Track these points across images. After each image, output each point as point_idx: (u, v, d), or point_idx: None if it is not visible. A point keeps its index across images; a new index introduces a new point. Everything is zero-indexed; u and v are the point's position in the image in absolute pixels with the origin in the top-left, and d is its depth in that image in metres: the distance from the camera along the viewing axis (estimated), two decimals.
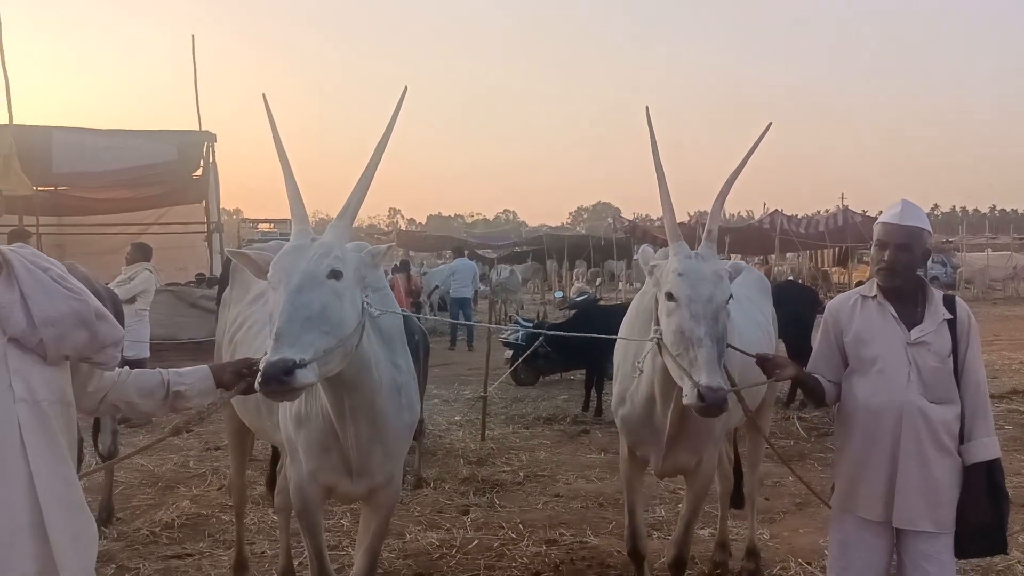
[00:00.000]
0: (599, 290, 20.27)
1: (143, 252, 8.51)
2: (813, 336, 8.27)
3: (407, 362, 3.02)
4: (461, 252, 19.36)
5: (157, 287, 8.96)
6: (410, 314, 8.59)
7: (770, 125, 3.06)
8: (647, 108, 3.09)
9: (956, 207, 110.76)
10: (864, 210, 27.38)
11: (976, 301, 24.01)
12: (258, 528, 5.11)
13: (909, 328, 2.77)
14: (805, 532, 5.00)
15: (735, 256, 23.31)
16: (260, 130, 2.81)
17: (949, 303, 2.83)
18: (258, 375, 2.08)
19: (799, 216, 27.07)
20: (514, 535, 5.04)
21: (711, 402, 2.50)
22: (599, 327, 5.55)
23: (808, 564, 4.47)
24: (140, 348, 7.98)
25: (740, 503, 4.56)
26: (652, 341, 2.89)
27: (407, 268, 17.01)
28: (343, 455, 2.82)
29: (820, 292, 15.76)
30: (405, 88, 2.71)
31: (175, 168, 12.78)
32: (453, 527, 5.17)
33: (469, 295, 16.18)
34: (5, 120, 11.29)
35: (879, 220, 2.85)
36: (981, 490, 2.71)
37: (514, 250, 34.38)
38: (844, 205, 33.25)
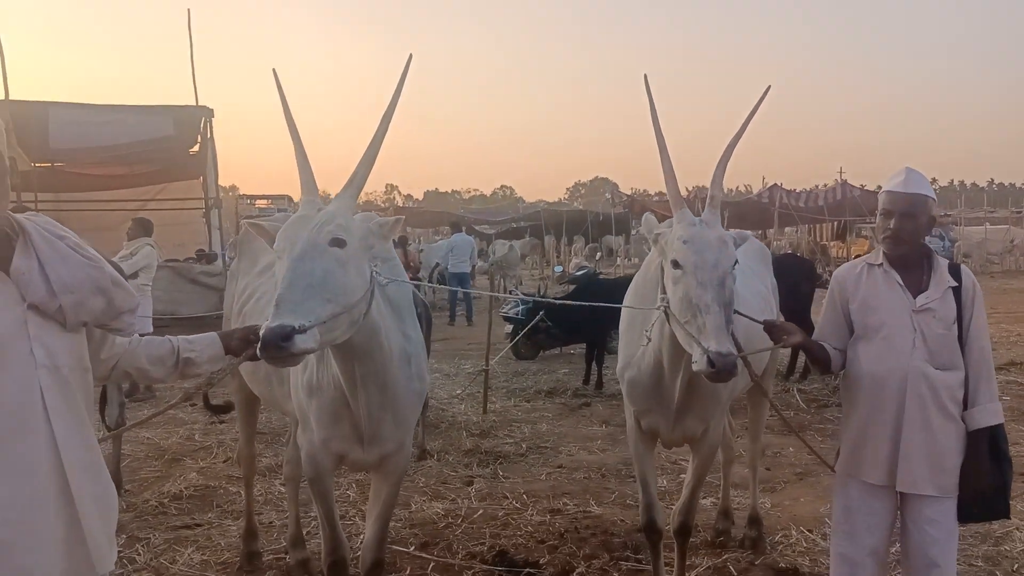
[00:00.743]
0: (598, 265, 20.21)
1: (144, 227, 8.52)
2: (812, 309, 8.33)
3: (416, 332, 3.04)
4: (459, 227, 19.31)
5: (159, 263, 8.96)
6: (418, 281, 8.54)
7: (769, 88, 3.04)
8: (645, 76, 3.08)
9: (954, 181, 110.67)
10: (863, 184, 27.40)
11: (974, 275, 23.96)
12: (265, 499, 5.17)
13: (915, 295, 2.79)
14: (806, 501, 5.07)
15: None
16: (256, 107, 2.79)
17: (955, 271, 2.85)
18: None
19: (798, 190, 27.08)
20: (518, 505, 5.09)
21: (721, 368, 2.51)
22: (600, 300, 5.60)
23: (809, 531, 4.54)
24: (143, 323, 7.98)
25: None
26: (659, 309, 2.91)
27: (404, 244, 16.94)
28: (354, 423, 2.85)
29: (819, 266, 15.81)
30: (410, 56, 2.70)
31: (172, 143, 12.65)
32: (458, 497, 5.23)
33: (467, 270, 16.19)
34: (2, 96, 11.21)
35: (884, 189, 2.85)
36: (984, 455, 2.74)
37: (511, 225, 34.19)
38: (843, 179, 33.22)
